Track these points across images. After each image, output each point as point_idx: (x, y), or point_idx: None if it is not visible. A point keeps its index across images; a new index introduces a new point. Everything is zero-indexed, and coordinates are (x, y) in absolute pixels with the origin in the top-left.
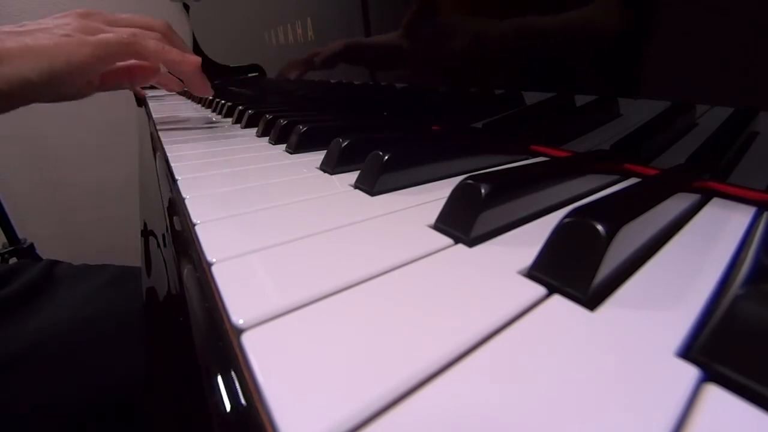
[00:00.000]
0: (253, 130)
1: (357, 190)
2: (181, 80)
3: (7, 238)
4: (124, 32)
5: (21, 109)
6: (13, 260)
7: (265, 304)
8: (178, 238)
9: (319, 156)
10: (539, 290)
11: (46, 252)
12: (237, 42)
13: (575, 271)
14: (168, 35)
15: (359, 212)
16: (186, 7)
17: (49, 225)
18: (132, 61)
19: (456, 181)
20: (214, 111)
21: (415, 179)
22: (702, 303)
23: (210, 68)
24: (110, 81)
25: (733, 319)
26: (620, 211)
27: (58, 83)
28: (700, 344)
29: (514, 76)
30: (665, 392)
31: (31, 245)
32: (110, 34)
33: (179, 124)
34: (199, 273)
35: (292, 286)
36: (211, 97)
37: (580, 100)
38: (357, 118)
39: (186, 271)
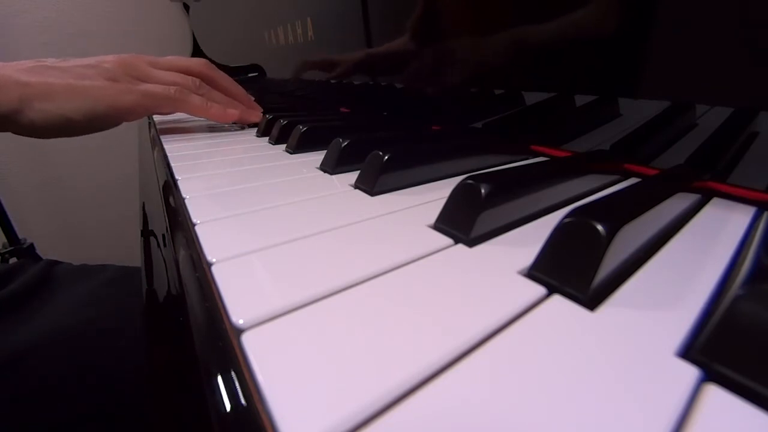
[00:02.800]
0: (253, 130)
1: (357, 190)
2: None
3: (7, 238)
4: (169, 84)
5: None
6: (13, 260)
7: (265, 304)
8: (178, 238)
9: (319, 156)
10: (539, 290)
11: (46, 252)
12: (237, 42)
13: (575, 271)
14: (210, 76)
15: (359, 212)
16: (186, 7)
17: (49, 225)
18: None
19: (456, 181)
20: None
21: (415, 179)
22: (702, 303)
23: None
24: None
25: (733, 319)
26: (620, 211)
27: (97, 125)
28: (700, 344)
29: (514, 76)
30: (665, 392)
31: (31, 245)
32: (157, 87)
33: (179, 124)
34: (199, 273)
35: (292, 286)
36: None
37: (580, 100)
38: (357, 118)
39: (186, 271)
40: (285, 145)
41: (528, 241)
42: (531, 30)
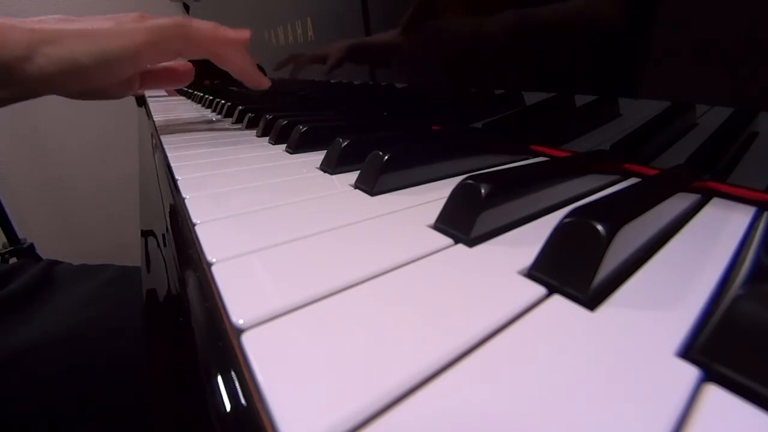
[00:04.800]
0: (254, 130)
1: (357, 190)
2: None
3: (7, 238)
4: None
5: (22, 110)
6: (13, 260)
7: (265, 304)
8: (178, 238)
9: (319, 156)
10: (539, 290)
11: (46, 252)
12: None
13: (575, 271)
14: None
15: (359, 212)
16: (186, 7)
17: (49, 225)
18: (174, 63)
19: (456, 181)
20: (214, 111)
21: (415, 179)
22: (702, 303)
23: (210, 68)
24: (150, 82)
25: (733, 319)
26: (620, 211)
27: (110, 69)
28: (700, 344)
29: (514, 76)
30: (665, 392)
31: (31, 245)
32: (164, 19)
33: (179, 124)
34: (199, 273)
35: (292, 286)
36: (266, 87)
37: (580, 100)
38: (357, 118)
39: (186, 271)
40: (285, 145)
41: (528, 241)
42: (531, 30)
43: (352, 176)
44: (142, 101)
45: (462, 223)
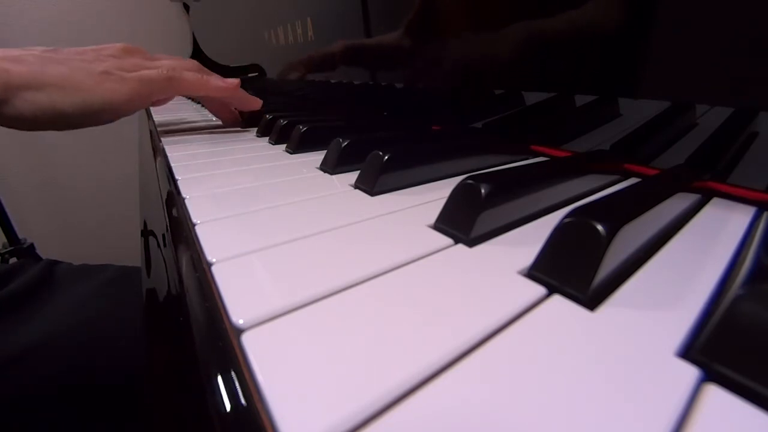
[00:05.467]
0: (253, 130)
1: (357, 190)
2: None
3: (7, 238)
4: (163, 67)
5: None
6: (13, 260)
7: (265, 304)
8: (178, 238)
9: (319, 156)
10: (539, 290)
11: (46, 252)
12: (237, 42)
13: (575, 271)
14: (201, 70)
15: (359, 212)
16: (186, 7)
17: (49, 225)
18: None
19: (456, 181)
20: None
21: (415, 179)
22: (702, 303)
23: (210, 68)
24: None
25: (733, 319)
26: (620, 211)
27: (91, 118)
28: (700, 344)
29: (514, 76)
30: (665, 392)
31: (31, 245)
32: (151, 72)
33: (179, 124)
34: (199, 273)
35: (292, 286)
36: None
37: (580, 100)
38: (357, 118)
39: (186, 271)
40: (285, 145)
41: (528, 241)
42: (531, 29)
43: (352, 176)
44: None
45: (462, 223)
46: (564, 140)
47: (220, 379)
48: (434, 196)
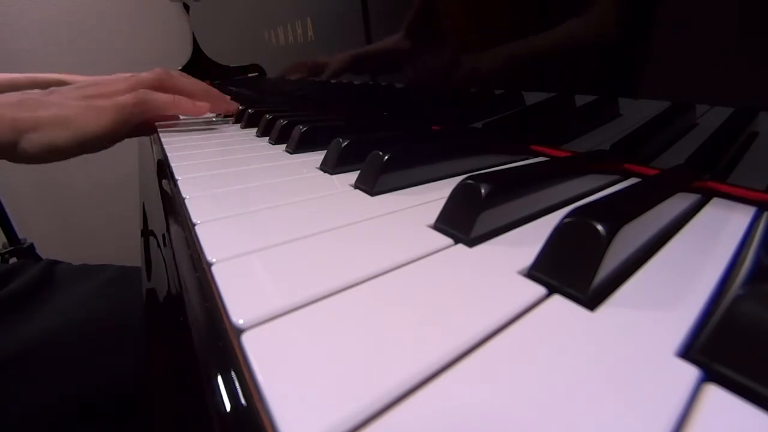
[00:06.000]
0: (253, 130)
1: (357, 190)
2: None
3: (7, 238)
4: (137, 91)
5: None
6: (13, 260)
7: (265, 304)
8: (178, 238)
9: (319, 156)
10: (539, 290)
11: (46, 252)
12: (237, 42)
13: (575, 271)
14: (167, 77)
15: (359, 212)
16: (186, 7)
17: (49, 225)
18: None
19: (456, 181)
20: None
21: (415, 179)
22: (702, 303)
23: (210, 68)
24: (134, 132)
25: (733, 319)
26: (620, 211)
27: (86, 148)
28: (700, 344)
29: (514, 76)
30: (665, 392)
31: (31, 245)
32: (126, 97)
33: (179, 124)
34: (199, 273)
35: (292, 286)
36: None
37: (580, 100)
38: (357, 118)
39: (186, 271)
40: (285, 145)
41: (528, 241)
42: (531, 29)
43: (352, 176)
44: None
45: (462, 223)
46: (564, 140)
47: (220, 379)
48: (434, 196)
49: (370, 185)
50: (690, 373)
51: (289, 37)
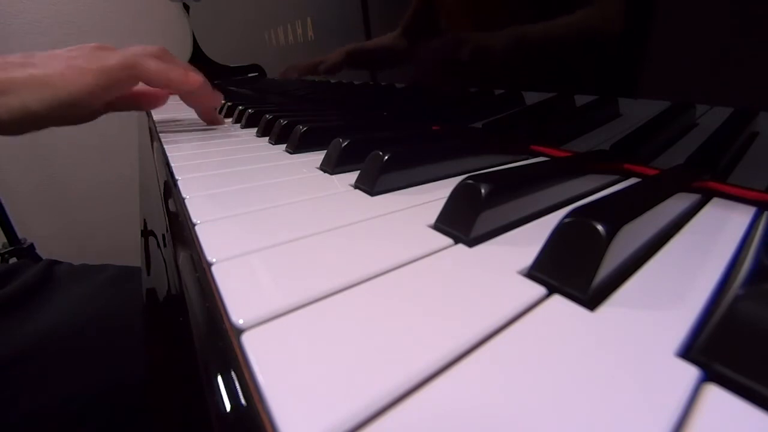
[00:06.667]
0: (253, 130)
1: (357, 190)
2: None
3: (7, 238)
4: (125, 55)
5: None
6: (13, 260)
7: (265, 304)
8: (178, 238)
9: (319, 156)
10: (539, 290)
11: (46, 252)
12: (237, 42)
13: (575, 271)
14: (168, 56)
15: (359, 212)
16: (186, 7)
17: (49, 225)
18: (140, 87)
19: (456, 181)
20: None
21: (415, 179)
22: (702, 303)
23: (210, 68)
24: (118, 104)
25: (733, 319)
26: (620, 211)
27: (63, 113)
28: (701, 344)
29: (514, 76)
30: (665, 392)
31: (31, 245)
32: (111, 60)
33: (179, 124)
34: (199, 273)
35: (292, 286)
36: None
37: (580, 100)
38: (357, 118)
39: (186, 271)
40: (285, 145)
41: (528, 241)
42: (531, 29)
43: (352, 176)
44: None
45: (462, 223)
46: (564, 140)
47: (220, 379)
48: (434, 196)
49: (370, 185)
50: (690, 373)
51: (289, 37)
